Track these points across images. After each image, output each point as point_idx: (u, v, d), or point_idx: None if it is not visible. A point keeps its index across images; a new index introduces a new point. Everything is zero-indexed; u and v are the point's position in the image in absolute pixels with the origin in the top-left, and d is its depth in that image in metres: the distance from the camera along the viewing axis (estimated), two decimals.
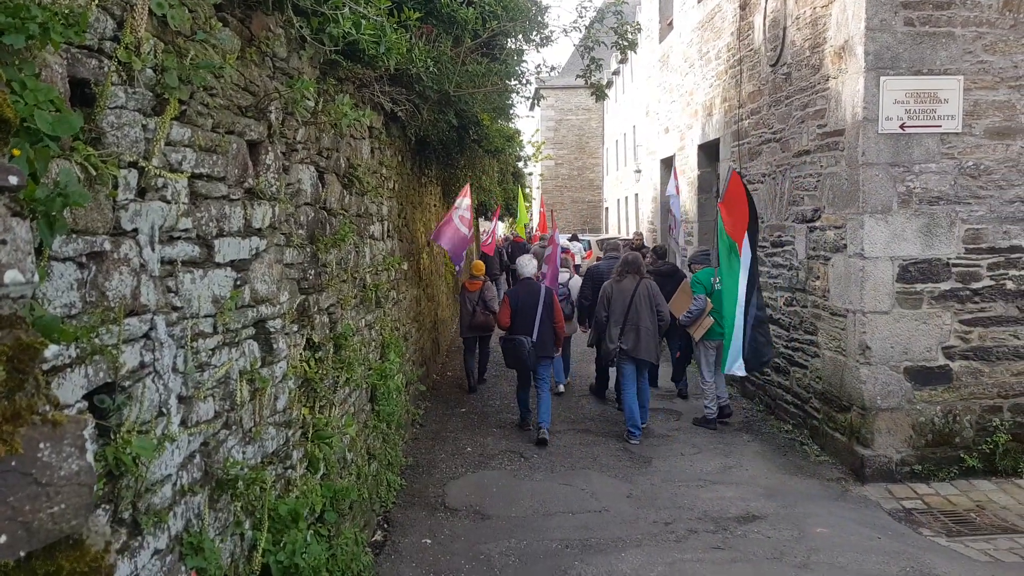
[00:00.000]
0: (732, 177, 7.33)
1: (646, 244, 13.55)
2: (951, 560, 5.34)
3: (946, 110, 6.87)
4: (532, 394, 8.63)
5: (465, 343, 10.58)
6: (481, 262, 10.62)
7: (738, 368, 7.39)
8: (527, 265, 8.87)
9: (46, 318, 1.47)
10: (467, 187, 9.91)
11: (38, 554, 0.97)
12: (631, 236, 13.81)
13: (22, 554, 0.94)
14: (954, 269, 6.95)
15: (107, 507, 2.17)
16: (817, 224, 7.82)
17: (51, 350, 1.08)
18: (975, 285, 6.97)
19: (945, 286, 6.96)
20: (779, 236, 8.78)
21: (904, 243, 6.93)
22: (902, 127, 6.85)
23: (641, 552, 5.49)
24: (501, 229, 22.65)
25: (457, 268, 10.06)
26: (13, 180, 1.08)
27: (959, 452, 6.93)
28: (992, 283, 6.98)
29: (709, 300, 8.62)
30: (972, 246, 6.95)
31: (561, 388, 10.40)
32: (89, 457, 1.04)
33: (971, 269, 6.97)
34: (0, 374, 0.97)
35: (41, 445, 0.99)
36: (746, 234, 7.27)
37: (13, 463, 0.95)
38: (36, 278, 1.07)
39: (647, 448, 7.97)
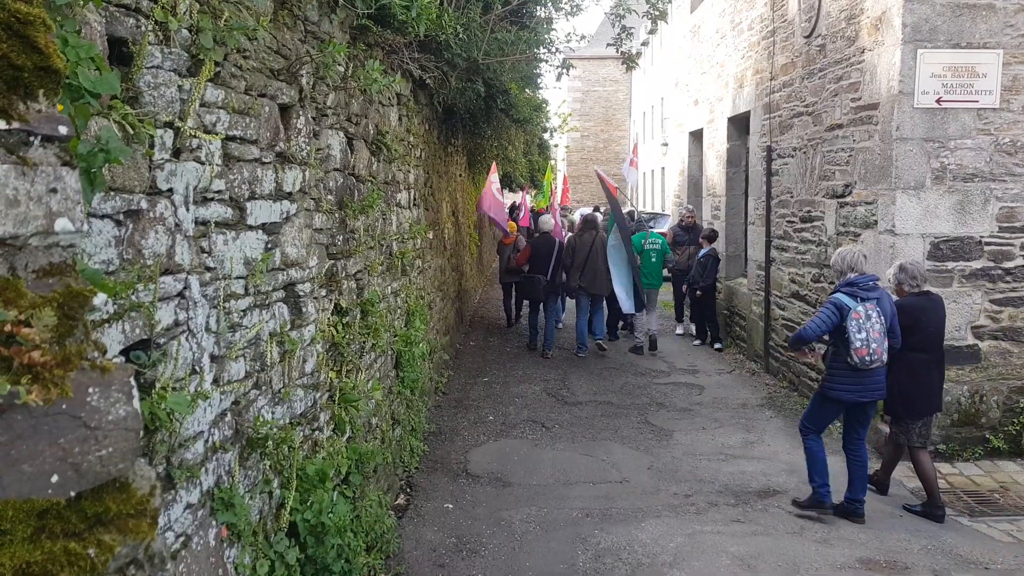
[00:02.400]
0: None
1: (697, 223, 12.93)
2: (973, 540, 5.33)
3: (984, 85, 6.72)
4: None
5: (504, 288, 13.16)
6: (514, 223, 13.74)
7: (629, 308, 10.55)
8: (547, 221, 11.31)
9: (89, 270, 1.50)
10: (494, 164, 11.98)
11: (87, 495, 1.00)
12: (683, 214, 13.00)
13: (72, 494, 0.97)
14: (986, 248, 6.84)
15: (142, 460, 2.22)
16: (848, 200, 7.72)
17: (99, 298, 1.10)
18: (1007, 264, 6.86)
19: (976, 265, 6.86)
20: (808, 211, 8.68)
21: (936, 220, 6.82)
22: (938, 101, 6.71)
23: (661, 523, 5.53)
24: (529, 201, 23.84)
25: (504, 232, 12.75)
26: (63, 130, 1.09)
27: (984, 432, 6.87)
28: None
29: (639, 257, 11.13)
30: (1006, 224, 6.83)
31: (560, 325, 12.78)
32: (135, 403, 1.06)
33: (1004, 248, 6.85)
34: (52, 319, 1.00)
35: (90, 390, 1.01)
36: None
37: (64, 406, 0.98)
38: (85, 227, 1.09)
39: (668, 421, 7.99)
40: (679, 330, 12.81)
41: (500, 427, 7.75)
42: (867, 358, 5.30)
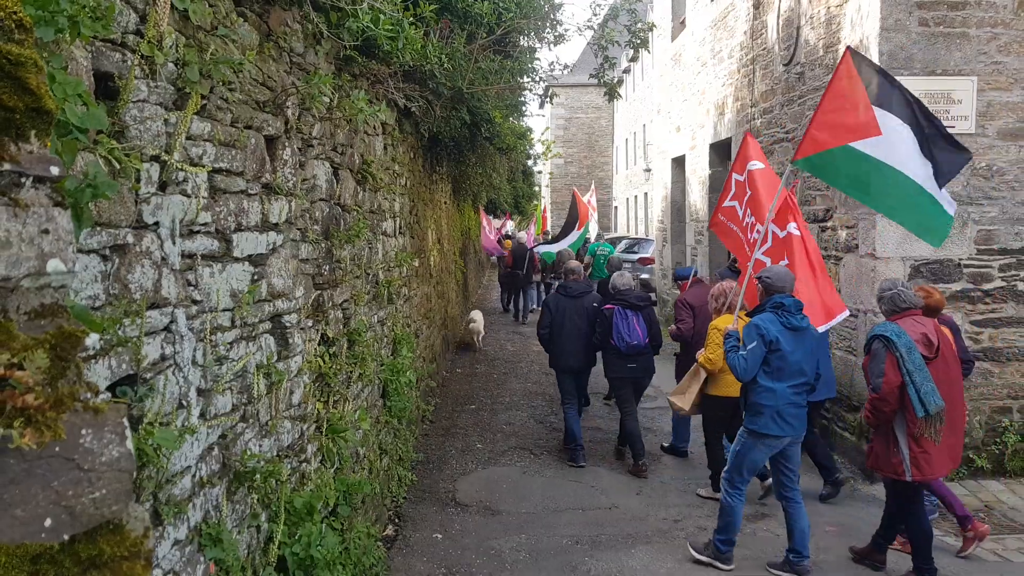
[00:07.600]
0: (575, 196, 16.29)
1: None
2: (959, 559, 5.34)
3: (960, 111, 6.84)
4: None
5: (501, 285, 19.32)
6: (509, 240, 19.48)
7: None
8: (521, 236, 18.12)
9: (78, 308, 1.49)
10: (482, 210, 18.63)
11: (80, 538, 0.98)
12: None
13: (66, 537, 0.96)
14: (966, 270, 6.93)
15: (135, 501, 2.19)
16: (828, 224, 7.81)
17: (91, 338, 1.10)
18: (986, 286, 6.95)
19: (956, 287, 6.94)
20: None
21: (916, 243, 6.88)
22: None
23: (651, 549, 5.50)
24: (510, 226, 25.60)
25: (493, 257, 18.79)
26: (55, 170, 1.09)
27: (968, 452, 6.89)
28: (1003, 284, 6.96)
29: (592, 259, 14.91)
30: (984, 247, 6.93)
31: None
32: (128, 444, 1.06)
33: (983, 270, 6.95)
34: (44, 361, 0.99)
35: (83, 431, 1.00)
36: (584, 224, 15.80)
37: (57, 449, 0.97)
38: (76, 267, 1.09)
39: (656, 446, 7.98)
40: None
41: (488, 455, 7.72)
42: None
